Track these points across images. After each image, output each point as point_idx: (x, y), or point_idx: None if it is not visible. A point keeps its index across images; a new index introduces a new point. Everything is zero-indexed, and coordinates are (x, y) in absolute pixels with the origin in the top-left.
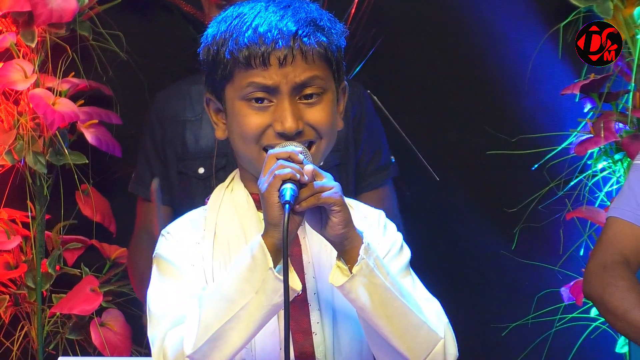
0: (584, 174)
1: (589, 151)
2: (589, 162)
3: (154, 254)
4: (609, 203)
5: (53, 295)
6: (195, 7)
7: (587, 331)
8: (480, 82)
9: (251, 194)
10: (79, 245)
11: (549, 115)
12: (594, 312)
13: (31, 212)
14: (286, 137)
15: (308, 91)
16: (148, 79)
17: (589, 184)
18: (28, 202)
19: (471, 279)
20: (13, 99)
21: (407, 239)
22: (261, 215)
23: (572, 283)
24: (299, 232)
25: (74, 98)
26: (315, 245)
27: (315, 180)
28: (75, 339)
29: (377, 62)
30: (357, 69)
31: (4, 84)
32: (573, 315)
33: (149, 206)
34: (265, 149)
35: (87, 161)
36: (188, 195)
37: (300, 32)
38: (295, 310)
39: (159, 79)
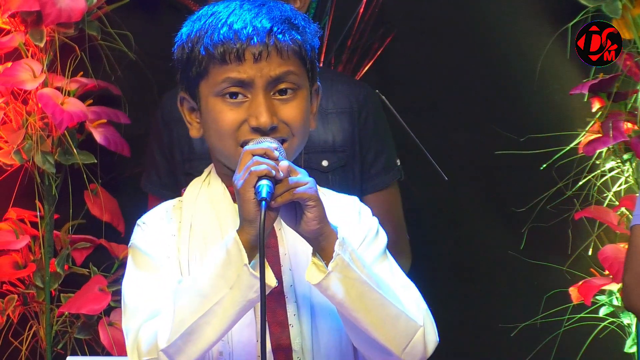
0: (593, 174)
1: (598, 151)
2: (597, 162)
3: (130, 244)
4: (617, 203)
5: (61, 294)
6: (203, 6)
7: (596, 331)
8: (489, 82)
9: (228, 187)
10: (87, 244)
11: (558, 115)
12: (602, 312)
13: (40, 211)
14: (261, 132)
15: (282, 86)
16: (156, 79)
17: (598, 184)
18: (37, 201)
19: (479, 279)
20: (22, 98)
21: (415, 239)
22: (237, 206)
23: (580, 283)
24: (275, 224)
25: (82, 98)
26: (291, 237)
27: (290, 176)
28: (84, 338)
29: (385, 61)
30: (366, 68)
31: (13, 83)
32: (581, 315)
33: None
34: (242, 145)
35: (95, 161)
36: None
37: (275, 28)
38: (271, 302)
39: (168, 79)
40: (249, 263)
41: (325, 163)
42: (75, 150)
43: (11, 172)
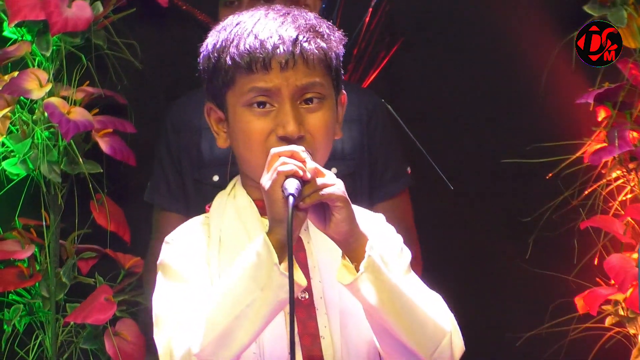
0: (598, 183)
1: (603, 160)
2: (603, 171)
3: (159, 262)
4: (623, 212)
5: (67, 304)
6: (210, 16)
7: (602, 341)
8: (495, 91)
9: (254, 200)
10: (93, 254)
11: (563, 124)
12: (608, 321)
13: (45, 221)
14: (288, 141)
15: (308, 95)
16: (163, 88)
17: (603, 193)
18: (42, 211)
19: (485, 288)
20: (28, 107)
21: (420, 248)
22: (265, 221)
23: (586, 292)
24: (303, 236)
25: (88, 107)
26: (320, 249)
27: (317, 177)
28: (90, 348)
29: (392, 70)
30: (372, 77)
31: (19, 92)
32: (587, 325)
33: (165, 215)
34: None
35: (101, 170)
36: (203, 203)
37: (300, 37)
38: (302, 314)
39: (174, 88)
40: (279, 263)
41: (334, 170)
42: (81, 160)
43: (17, 181)
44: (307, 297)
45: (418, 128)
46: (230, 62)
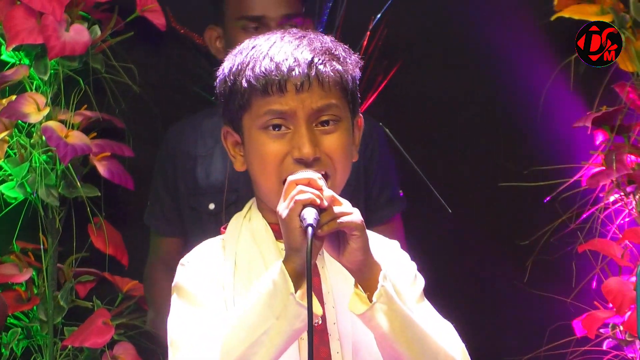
0: (596, 207)
1: (601, 183)
2: (601, 195)
3: (174, 284)
4: (621, 236)
5: (65, 328)
6: None
7: None
8: (492, 114)
9: (269, 223)
10: (91, 277)
11: (561, 147)
12: (606, 345)
13: (43, 244)
14: (304, 163)
15: (324, 118)
16: (161, 112)
17: (601, 217)
18: (40, 234)
19: (483, 311)
20: (26, 131)
21: (419, 271)
22: (280, 244)
23: (584, 316)
24: (317, 261)
25: (86, 130)
26: (334, 275)
27: (334, 206)
28: None
29: (390, 94)
30: (370, 101)
31: (17, 116)
32: (585, 348)
33: (161, 239)
34: (284, 182)
35: (99, 194)
36: (199, 230)
37: (316, 59)
38: (315, 339)
39: (172, 112)
40: (295, 292)
41: None
42: (79, 184)
43: (15, 205)
44: (320, 322)
45: (416, 151)
46: (246, 85)
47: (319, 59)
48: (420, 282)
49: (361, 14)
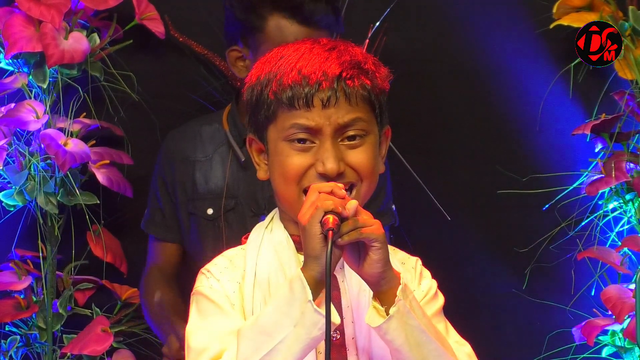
0: (595, 214)
1: (600, 191)
2: (600, 202)
3: (193, 291)
4: (619, 243)
5: (64, 335)
6: (206, 47)
7: None
8: (492, 122)
9: (291, 235)
10: (90, 285)
11: (560, 155)
12: (605, 352)
13: (42, 252)
14: (327, 178)
15: (350, 133)
16: (159, 120)
17: (600, 224)
18: (39, 242)
19: (483, 318)
20: (25, 139)
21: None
22: (301, 257)
23: (583, 323)
24: (338, 275)
25: (85, 138)
26: (354, 289)
27: (356, 215)
28: None
29: (388, 102)
30: None
31: (16, 124)
32: (584, 355)
33: (159, 244)
34: (305, 192)
35: (98, 201)
36: (198, 235)
37: (344, 74)
38: (333, 353)
39: (171, 119)
40: (313, 300)
41: None
42: (77, 191)
43: (14, 213)
44: (338, 337)
45: (415, 160)
46: (272, 97)
47: (347, 74)
48: (440, 300)
49: (359, 23)
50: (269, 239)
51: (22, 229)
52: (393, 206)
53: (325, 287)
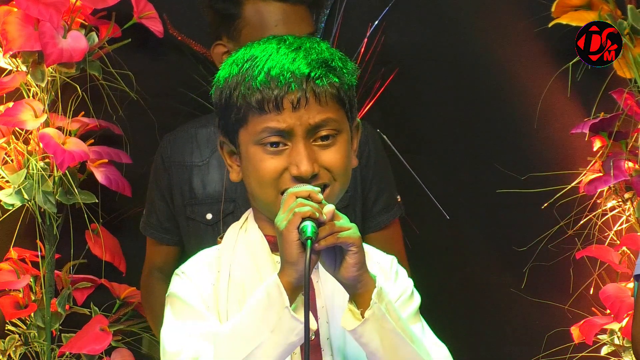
0: (594, 213)
1: (599, 190)
2: (598, 201)
3: (168, 293)
4: (618, 242)
5: (62, 334)
6: (205, 46)
7: None
8: (490, 121)
9: (265, 235)
10: (88, 284)
11: (559, 153)
12: (604, 351)
13: (41, 251)
14: (302, 180)
15: (323, 133)
16: (158, 118)
17: (599, 223)
18: (38, 241)
19: (481, 317)
20: (23, 138)
21: (416, 278)
22: (275, 257)
23: (582, 322)
24: (312, 275)
25: (83, 137)
26: (328, 290)
27: (333, 220)
28: None
29: (387, 101)
30: (367, 107)
31: (14, 123)
32: (583, 354)
33: (158, 247)
34: (282, 193)
35: (96, 200)
36: (197, 240)
37: (312, 74)
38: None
39: (169, 119)
40: (290, 306)
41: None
42: (76, 190)
43: (12, 211)
44: (313, 337)
45: (413, 158)
46: (242, 101)
47: (315, 73)
48: (416, 300)
49: (359, 21)
50: (244, 239)
51: (21, 227)
52: (398, 197)
53: (302, 293)
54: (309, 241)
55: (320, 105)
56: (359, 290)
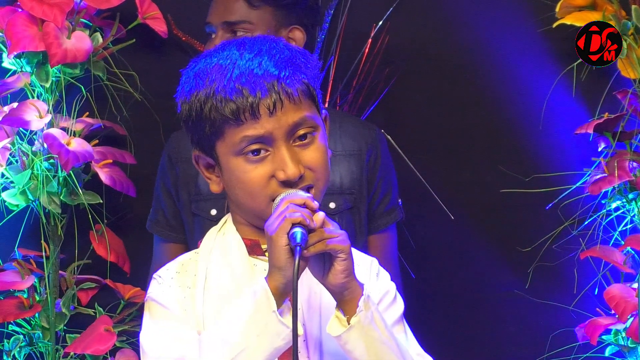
0: (598, 213)
1: (603, 190)
2: (603, 202)
3: (146, 297)
4: (623, 242)
5: (67, 335)
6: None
7: None
8: (494, 122)
9: (243, 238)
10: (93, 285)
11: (563, 154)
12: (608, 351)
13: (45, 251)
14: (289, 183)
15: (300, 132)
16: (162, 119)
17: (603, 223)
18: (42, 241)
19: (485, 318)
20: (27, 139)
21: (420, 278)
22: (252, 260)
23: (586, 322)
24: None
25: (88, 138)
26: (304, 291)
27: (323, 227)
28: None
29: (391, 101)
30: (371, 108)
31: (19, 124)
32: (588, 354)
33: (165, 245)
34: (273, 200)
35: (101, 201)
36: (201, 236)
37: (282, 74)
38: (284, 355)
39: (174, 119)
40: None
41: (332, 205)
42: (80, 191)
43: (17, 212)
44: (302, 333)
45: (417, 158)
46: (215, 113)
47: (284, 74)
48: (400, 304)
49: (363, 22)
50: (221, 243)
51: (25, 228)
52: (399, 200)
53: (288, 297)
54: (298, 248)
55: (295, 105)
56: (346, 297)
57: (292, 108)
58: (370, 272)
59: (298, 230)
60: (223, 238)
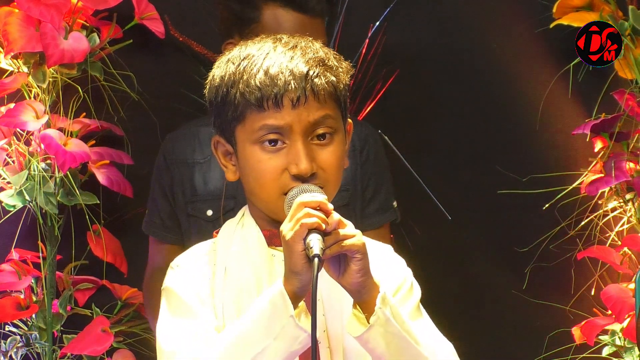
0: (595, 214)
1: (600, 191)
2: (599, 202)
3: (163, 286)
4: (620, 243)
5: (64, 335)
6: (206, 47)
7: None
8: (491, 122)
9: (262, 230)
10: (90, 285)
11: (560, 154)
12: (605, 352)
13: (42, 252)
14: (301, 179)
15: (320, 131)
16: (159, 119)
17: (600, 224)
18: (39, 242)
19: (482, 318)
20: (24, 139)
21: (417, 279)
22: (271, 250)
23: (583, 323)
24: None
25: (85, 138)
26: (324, 283)
27: (338, 228)
28: None
29: (388, 102)
30: (368, 109)
31: (15, 124)
32: (584, 355)
33: (160, 246)
34: (285, 194)
35: (98, 201)
36: (198, 237)
37: (311, 72)
38: (303, 356)
39: (171, 119)
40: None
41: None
42: (77, 191)
43: (14, 213)
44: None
45: (415, 159)
46: (240, 98)
47: (314, 71)
48: (417, 292)
49: (360, 22)
50: (241, 235)
51: (22, 229)
52: (395, 202)
53: (304, 300)
54: (316, 259)
55: (319, 103)
56: (364, 296)
57: (316, 106)
58: (386, 261)
59: (315, 239)
60: (242, 229)
